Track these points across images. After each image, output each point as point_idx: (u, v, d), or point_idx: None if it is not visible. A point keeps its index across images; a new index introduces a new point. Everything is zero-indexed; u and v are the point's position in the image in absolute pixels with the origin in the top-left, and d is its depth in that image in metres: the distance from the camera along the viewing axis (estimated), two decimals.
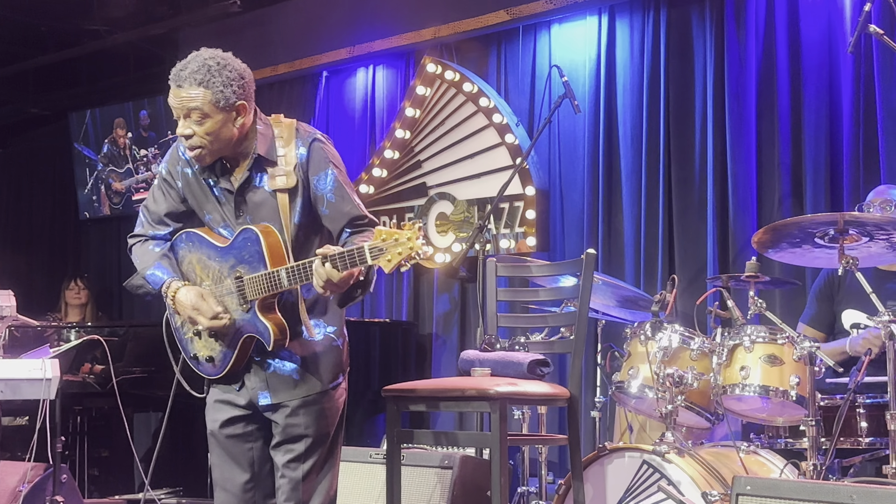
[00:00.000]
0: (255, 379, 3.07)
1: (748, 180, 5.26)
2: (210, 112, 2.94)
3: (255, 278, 2.96)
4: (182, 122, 2.97)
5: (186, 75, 2.94)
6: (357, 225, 3.07)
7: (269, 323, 2.97)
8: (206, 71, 2.95)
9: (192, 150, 2.99)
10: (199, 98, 2.93)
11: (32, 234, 9.52)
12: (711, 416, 3.98)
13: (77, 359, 5.47)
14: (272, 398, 3.05)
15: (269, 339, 2.98)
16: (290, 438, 3.05)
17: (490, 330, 3.86)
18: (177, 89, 2.95)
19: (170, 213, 3.22)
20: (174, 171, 3.18)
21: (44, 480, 4.53)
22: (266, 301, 2.97)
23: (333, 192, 3.05)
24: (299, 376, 3.05)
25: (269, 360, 3.05)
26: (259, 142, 3.05)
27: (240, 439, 3.12)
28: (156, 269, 3.16)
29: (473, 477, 4.14)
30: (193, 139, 2.97)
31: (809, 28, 5.14)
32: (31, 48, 8.20)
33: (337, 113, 7.04)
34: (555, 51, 6.02)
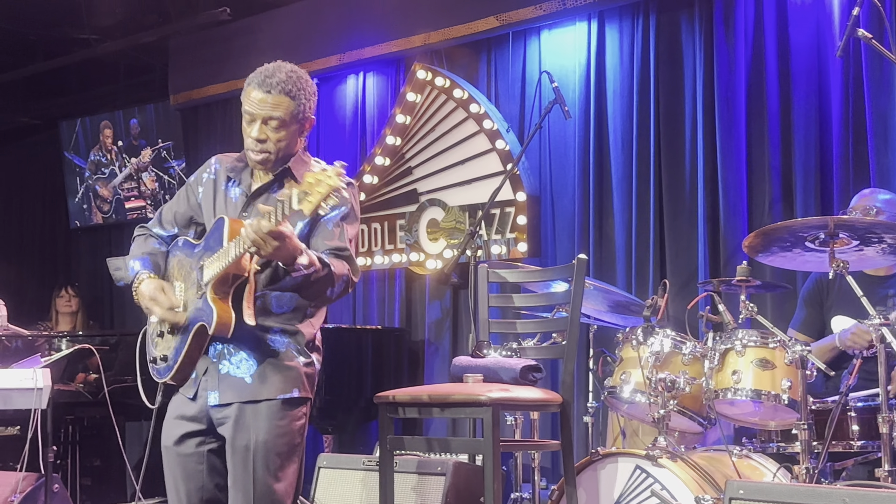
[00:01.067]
0: (209, 383, 3.05)
1: (738, 185, 5.27)
2: (289, 122, 3.04)
3: (212, 258, 2.97)
4: (258, 125, 3.03)
5: (276, 83, 3.01)
6: (336, 254, 3.04)
7: (215, 307, 2.92)
8: (294, 82, 3.04)
9: (261, 154, 3.05)
10: (283, 106, 3.02)
11: (23, 244, 9.50)
12: (704, 421, 3.98)
13: (68, 368, 5.46)
14: (220, 398, 3.01)
15: (210, 321, 2.91)
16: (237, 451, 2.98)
17: (482, 336, 3.85)
18: (264, 94, 3.01)
19: (180, 214, 3.27)
20: (200, 178, 3.26)
21: (36, 490, 4.52)
22: (221, 287, 2.94)
23: (333, 224, 3.07)
24: (251, 380, 3.01)
25: (224, 362, 3.03)
26: (295, 163, 3.11)
27: (192, 457, 3.09)
28: (139, 259, 3.21)
29: (467, 483, 4.14)
30: (267, 144, 3.04)
31: (798, 32, 5.16)
32: (21, 57, 8.19)
33: (328, 120, 7.04)
34: (545, 57, 6.03)
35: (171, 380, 3.10)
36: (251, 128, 3.06)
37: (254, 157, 3.08)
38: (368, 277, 6.73)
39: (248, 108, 3.05)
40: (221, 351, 3.04)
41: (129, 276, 3.18)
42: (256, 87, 3.03)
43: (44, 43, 8.03)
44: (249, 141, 3.07)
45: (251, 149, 3.07)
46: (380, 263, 6.60)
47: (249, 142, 3.08)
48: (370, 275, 6.72)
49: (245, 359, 3.03)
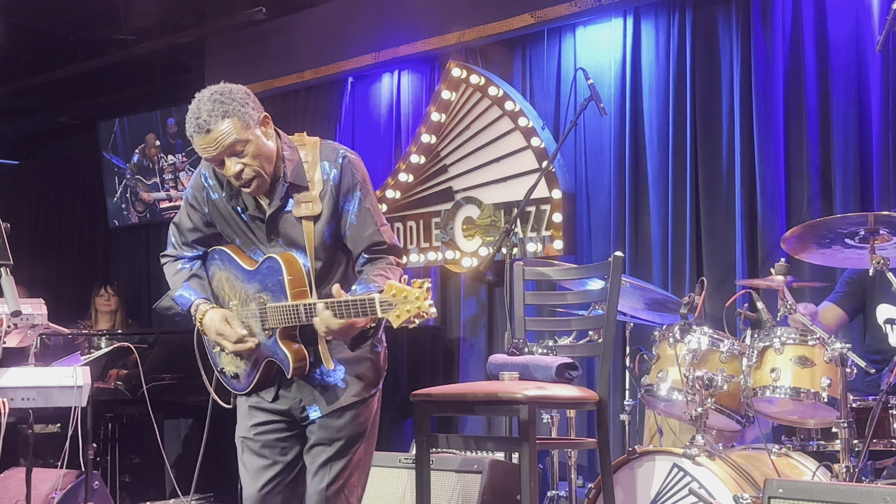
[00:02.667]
0: (298, 391, 3.07)
1: (776, 181, 5.23)
2: (248, 136, 2.90)
3: (277, 308, 2.97)
4: (228, 164, 2.92)
5: (206, 118, 2.89)
6: (374, 251, 3.06)
7: (289, 351, 2.98)
8: (220, 104, 2.90)
9: (251, 184, 2.95)
10: (231, 129, 2.88)
11: (62, 243, 9.61)
12: (742, 419, 3.96)
13: (108, 366, 5.51)
14: (321, 410, 3.05)
15: (287, 368, 3.00)
16: (322, 441, 3.06)
17: (518, 334, 3.85)
18: (206, 135, 2.89)
19: (197, 237, 3.22)
20: (199, 197, 3.17)
21: (76, 487, 4.57)
22: (287, 330, 2.98)
23: (356, 215, 3.05)
24: (345, 384, 3.06)
25: (314, 373, 3.05)
26: (287, 167, 3.02)
27: (272, 444, 3.11)
28: (184, 290, 3.18)
29: (503, 481, 4.14)
30: (246, 171, 2.93)
31: (837, 27, 5.11)
32: (60, 58, 8.28)
33: (363, 119, 7.06)
34: (580, 53, 6.01)
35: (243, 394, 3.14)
36: (225, 169, 2.94)
37: (249, 192, 2.99)
38: (404, 275, 6.73)
39: (206, 156, 2.94)
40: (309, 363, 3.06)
41: (185, 307, 3.17)
42: (195, 134, 2.91)
43: (82, 44, 8.11)
44: (235, 182, 2.97)
45: (240, 186, 2.97)
46: (415, 261, 6.60)
47: (235, 183, 2.97)
48: (405, 272, 6.69)
49: (334, 363, 3.05)
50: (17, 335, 4.59)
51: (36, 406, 4.39)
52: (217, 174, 3.10)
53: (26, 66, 8.38)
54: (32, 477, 4.34)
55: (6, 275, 2.59)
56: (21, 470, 4.56)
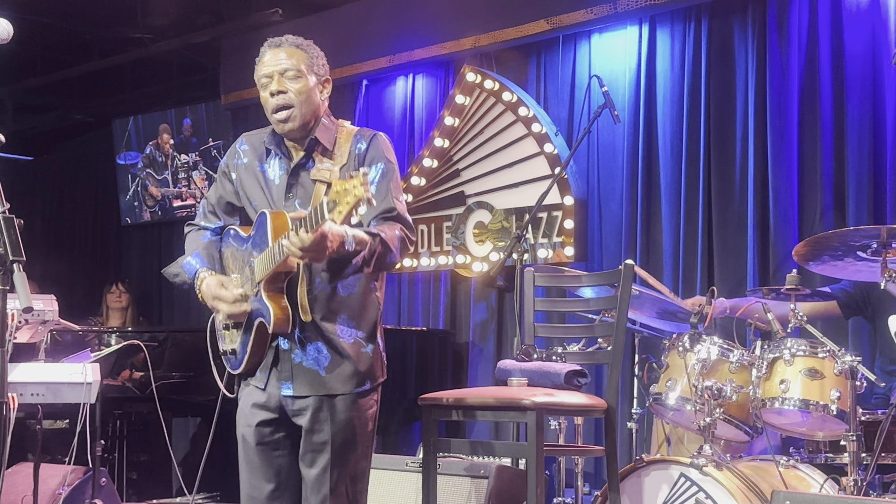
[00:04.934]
0: (282, 373, 3.05)
1: (789, 192, 5.21)
2: (305, 72, 3.10)
3: (260, 259, 2.98)
4: (276, 80, 3.07)
5: (284, 40, 3.12)
6: (384, 218, 3.06)
7: (272, 304, 2.95)
8: (301, 40, 3.14)
9: (283, 111, 3.07)
10: (296, 57, 3.09)
11: (75, 240, 9.64)
12: (750, 430, 3.95)
13: (117, 363, 5.52)
14: (293, 389, 3.02)
15: (269, 320, 2.95)
16: (314, 447, 3.03)
17: (527, 340, 3.85)
18: (275, 49, 3.10)
19: (222, 203, 3.27)
20: (231, 164, 3.25)
21: (83, 483, 4.58)
22: (273, 284, 2.96)
23: (376, 185, 3.06)
24: (325, 373, 3.02)
25: (297, 352, 3.03)
26: (320, 130, 3.13)
27: (268, 446, 3.10)
28: (193, 257, 3.21)
29: (509, 487, 4.14)
30: (287, 95, 3.06)
31: (853, 39, 5.09)
32: (76, 55, 8.32)
33: (376, 121, 7.07)
34: (595, 61, 6.01)
35: (241, 372, 3.12)
36: (269, 87, 3.08)
37: (278, 118, 3.07)
38: (414, 279, 6.75)
39: (262, 71, 3.10)
40: (293, 340, 3.03)
41: (189, 276, 3.19)
42: (267, 49, 3.12)
43: (99, 42, 8.14)
44: (270, 101, 3.08)
45: (273, 110, 3.07)
46: (426, 265, 6.61)
47: (271, 102, 3.08)
48: (416, 276, 6.74)
49: (317, 350, 3.03)
50: (27, 331, 4.61)
51: (45, 402, 4.42)
52: (252, 142, 3.22)
53: (43, 63, 8.42)
54: (40, 472, 4.36)
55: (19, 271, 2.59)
56: (29, 465, 4.58)
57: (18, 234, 2.63)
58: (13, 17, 3.06)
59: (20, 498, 4.48)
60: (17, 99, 9.16)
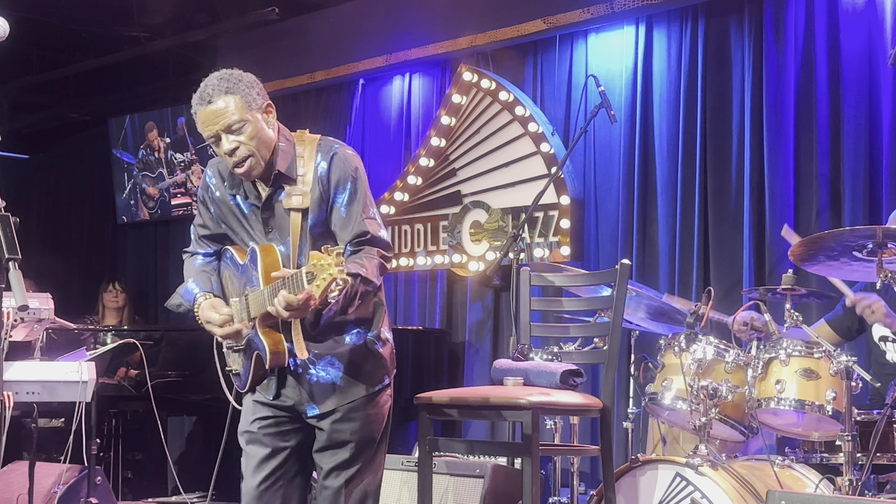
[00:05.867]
0: (295, 391, 3.08)
1: (785, 192, 5.22)
2: (248, 116, 2.96)
3: (253, 296, 3.00)
4: (223, 140, 2.97)
5: (211, 91, 2.96)
6: (358, 242, 3.04)
7: (267, 339, 2.98)
8: (227, 81, 2.98)
9: (243, 164, 2.99)
10: (232, 105, 2.95)
11: (71, 238, 9.63)
12: (746, 430, 3.95)
13: (113, 362, 5.52)
14: (320, 408, 3.06)
15: (265, 356, 2.99)
16: (334, 444, 3.06)
17: (523, 339, 3.85)
18: (207, 107, 2.95)
19: (207, 234, 3.27)
20: (206, 196, 3.23)
21: (78, 482, 4.58)
22: (266, 319, 2.97)
23: (346, 207, 3.05)
24: (343, 382, 3.05)
25: (310, 371, 3.05)
26: (280, 158, 3.05)
27: (276, 436, 3.12)
28: (190, 284, 3.22)
29: (505, 486, 4.14)
30: (241, 150, 2.97)
31: (849, 39, 5.10)
32: (72, 54, 8.31)
33: (373, 121, 7.07)
34: (591, 60, 6.01)
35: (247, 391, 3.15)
36: (219, 146, 2.98)
37: (241, 172, 3.01)
38: (410, 278, 6.75)
39: (205, 132, 2.98)
40: (304, 361, 3.05)
41: (189, 303, 3.20)
42: (198, 107, 2.98)
43: (95, 40, 8.13)
44: (228, 161, 3.01)
45: (233, 167, 3.01)
46: (422, 264, 6.61)
47: (229, 161, 3.01)
48: (412, 276, 6.74)
49: (330, 362, 3.06)
50: (23, 329, 4.60)
51: (40, 400, 4.41)
52: (220, 171, 3.17)
53: (39, 62, 8.41)
54: (35, 471, 4.34)
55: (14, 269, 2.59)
56: (24, 464, 4.57)
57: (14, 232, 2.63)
58: (9, 15, 3.06)
59: (15, 496, 4.47)
60: (13, 97, 9.15)
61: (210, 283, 3.20)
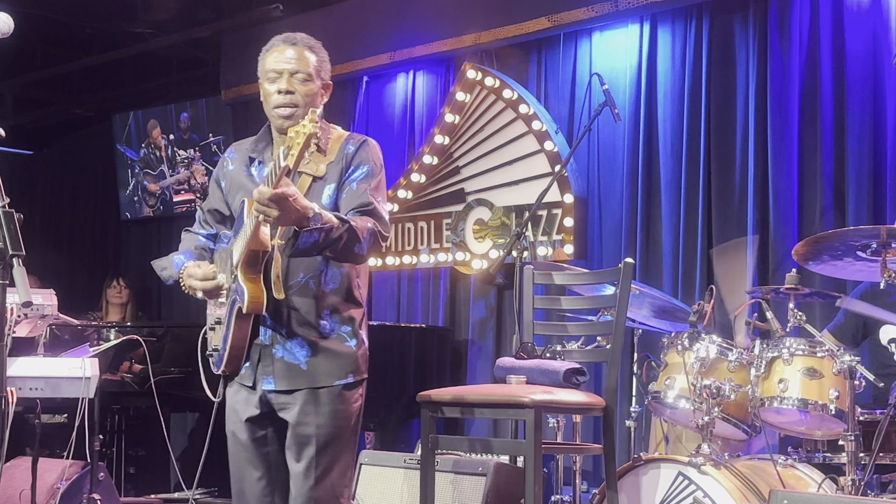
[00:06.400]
0: (264, 368, 3.08)
1: (789, 191, 5.21)
2: (314, 76, 3.13)
3: (237, 239, 3.01)
4: (285, 78, 3.09)
5: (299, 39, 3.15)
6: (360, 210, 3.05)
7: (247, 284, 2.96)
8: (314, 43, 3.18)
9: (289, 108, 3.08)
10: (309, 61, 3.13)
11: (74, 234, 9.64)
12: (748, 429, 3.95)
13: (116, 358, 5.52)
14: (275, 384, 3.05)
15: (243, 299, 2.95)
16: (300, 440, 3.04)
17: (526, 337, 3.85)
18: (290, 47, 3.12)
19: (213, 212, 3.31)
20: (221, 173, 3.28)
21: (81, 478, 4.58)
22: (250, 267, 2.97)
23: (358, 182, 3.08)
24: (307, 367, 3.04)
25: (276, 347, 3.05)
26: None
27: (256, 442, 3.13)
28: (182, 254, 3.25)
29: (507, 484, 4.14)
30: (294, 96, 3.08)
31: (854, 38, 5.09)
32: (76, 50, 8.32)
33: (377, 118, 7.07)
34: (595, 58, 6.01)
35: (224, 369, 3.13)
36: (277, 83, 3.09)
37: (281, 114, 3.08)
38: (413, 276, 6.75)
39: (272, 66, 3.11)
40: (274, 335, 3.05)
41: (175, 271, 3.21)
42: (281, 43, 3.13)
43: (99, 36, 8.14)
44: (276, 98, 3.09)
45: (278, 106, 3.08)
46: (425, 262, 6.61)
47: (276, 98, 3.09)
48: (415, 273, 6.74)
49: (299, 343, 3.05)
50: (27, 325, 4.61)
51: (44, 396, 4.41)
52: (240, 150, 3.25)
53: (43, 58, 8.42)
54: (38, 467, 4.36)
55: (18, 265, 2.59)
56: (27, 459, 4.58)
57: (18, 228, 2.63)
58: (14, 11, 3.07)
59: (18, 492, 4.48)
60: (17, 93, 9.16)
61: (202, 257, 3.23)
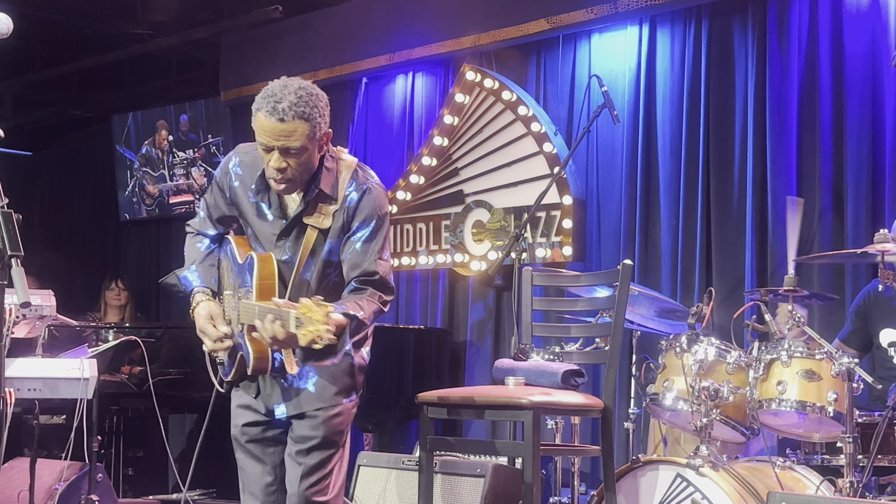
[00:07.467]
0: (272, 390, 3.09)
1: (788, 193, 5.21)
2: (308, 145, 2.92)
3: (246, 306, 2.99)
4: (275, 156, 2.91)
5: (287, 108, 2.87)
6: (364, 280, 3.03)
7: (252, 346, 2.98)
8: (305, 103, 2.90)
9: (283, 183, 2.97)
10: (299, 132, 2.89)
11: (73, 235, 9.64)
12: (747, 431, 3.95)
13: (114, 359, 5.52)
14: (288, 411, 3.07)
15: (248, 363, 3.00)
16: (298, 442, 3.07)
17: (525, 339, 3.85)
18: (276, 123, 2.87)
19: (217, 213, 3.25)
20: (224, 182, 3.20)
21: (79, 479, 4.58)
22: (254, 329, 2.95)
23: (363, 243, 3.04)
24: (315, 389, 3.06)
25: (288, 376, 3.06)
26: (324, 177, 3.03)
27: (261, 443, 3.14)
28: (189, 272, 3.22)
29: (505, 486, 4.14)
30: (287, 172, 2.94)
31: (853, 41, 5.10)
32: (76, 51, 8.31)
33: (376, 119, 7.07)
34: (594, 60, 6.01)
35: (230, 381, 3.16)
36: (269, 157, 2.94)
37: (276, 187, 3.00)
38: (412, 277, 6.75)
39: (262, 137, 2.92)
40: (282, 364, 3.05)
41: (187, 289, 3.20)
42: (267, 115, 2.88)
43: (98, 37, 8.14)
44: (269, 170, 2.98)
45: (272, 178, 2.98)
46: (424, 264, 6.61)
47: (269, 171, 2.98)
48: (414, 275, 6.74)
49: (308, 370, 3.06)
50: (25, 326, 4.61)
51: (42, 397, 4.41)
52: (246, 167, 3.13)
53: (42, 58, 8.42)
54: (36, 468, 4.35)
55: (17, 266, 2.59)
56: (25, 460, 4.57)
57: (17, 229, 2.63)
58: (13, 11, 3.06)
59: (16, 493, 4.47)
60: (16, 94, 9.16)
61: (210, 276, 3.20)
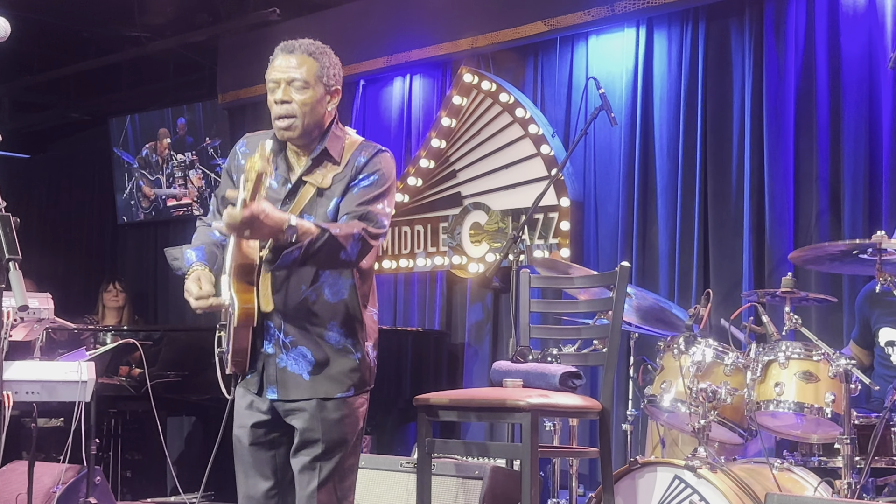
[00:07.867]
0: (268, 377, 3.07)
1: (785, 195, 5.22)
2: (312, 83, 3.02)
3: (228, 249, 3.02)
4: (281, 88, 3.02)
5: (298, 45, 3.04)
6: (353, 215, 3.02)
7: (237, 296, 2.96)
8: (317, 46, 3.07)
9: (285, 120, 3.03)
10: (306, 67, 3.02)
11: (71, 238, 9.63)
12: (744, 432, 3.95)
13: (112, 362, 5.52)
14: (279, 393, 3.04)
15: (234, 310, 2.96)
16: (305, 444, 3.04)
17: (522, 341, 3.85)
18: (287, 55, 3.03)
19: (225, 204, 3.22)
20: (232, 165, 3.24)
21: (77, 482, 4.58)
22: (243, 277, 2.97)
23: (361, 188, 3.05)
24: (309, 378, 3.03)
25: (280, 357, 3.04)
26: (331, 140, 3.09)
27: (263, 446, 3.12)
28: (195, 250, 3.20)
29: (504, 488, 4.14)
30: (290, 106, 3.01)
31: (850, 43, 5.10)
32: (73, 53, 8.31)
33: (373, 122, 7.07)
34: (592, 62, 6.02)
35: (231, 369, 3.11)
36: (275, 93, 3.03)
37: (279, 125, 3.04)
38: (410, 279, 6.75)
39: (271, 75, 3.04)
40: (277, 345, 3.05)
41: (186, 266, 3.18)
42: (279, 53, 3.05)
43: (95, 40, 8.14)
44: (274, 109, 3.05)
45: (276, 117, 3.05)
46: (422, 266, 6.61)
47: (275, 109, 3.05)
48: (412, 277, 6.74)
49: (301, 354, 3.04)
50: (23, 329, 4.61)
51: (40, 400, 4.41)
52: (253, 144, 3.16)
53: (40, 61, 8.41)
54: (34, 471, 4.35)
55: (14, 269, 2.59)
56: (23, 463, 4.57)
57: (14, 231, 2.63)
58: (10, 14, 3.06)
59: (14, 496, 4.47)
60: (13, 97, 9.16)
61: (214, 258, 3.19)
